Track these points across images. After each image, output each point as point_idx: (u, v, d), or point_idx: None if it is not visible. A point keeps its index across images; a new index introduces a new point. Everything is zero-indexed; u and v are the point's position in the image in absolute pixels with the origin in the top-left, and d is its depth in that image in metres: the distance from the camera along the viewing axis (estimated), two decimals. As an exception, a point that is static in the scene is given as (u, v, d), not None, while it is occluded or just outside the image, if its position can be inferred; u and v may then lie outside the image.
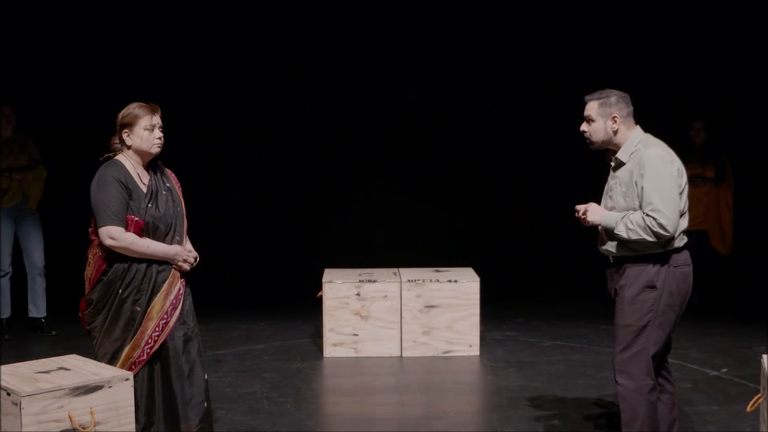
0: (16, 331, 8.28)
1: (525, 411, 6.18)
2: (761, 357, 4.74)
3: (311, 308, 8.17)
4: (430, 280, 7.64)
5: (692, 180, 9.01)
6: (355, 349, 7.62)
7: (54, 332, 8.24)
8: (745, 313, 8.92)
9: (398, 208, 10.28)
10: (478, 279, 7.71)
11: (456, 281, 7.65)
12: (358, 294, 7.61)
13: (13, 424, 4.06)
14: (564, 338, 8.22)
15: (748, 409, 4.73)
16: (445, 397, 6.66)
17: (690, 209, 9.58)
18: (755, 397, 4.69)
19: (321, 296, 7.62)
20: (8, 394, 4.09)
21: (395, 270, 8.00)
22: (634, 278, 4.75)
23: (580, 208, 4.94)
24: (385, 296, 7.61)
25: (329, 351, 7.61)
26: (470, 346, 7.64)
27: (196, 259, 4.93)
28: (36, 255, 8.25)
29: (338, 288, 7.61)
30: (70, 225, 7.15)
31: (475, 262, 8.46)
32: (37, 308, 8.32)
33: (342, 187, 10.39)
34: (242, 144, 10.37)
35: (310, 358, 7.60)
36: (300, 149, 10.43)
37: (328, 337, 7.62)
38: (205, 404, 4.91)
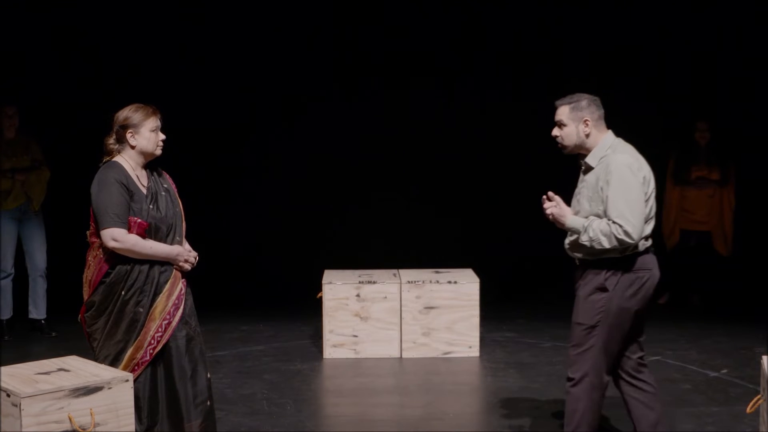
0: (16, 332, 8.28)
1: (525, 412, 6.18)
2: (761, 358, 4.74)
3: (311, 309, 8.16)
4: (430, 281, 7.64)
5: (697, 182, 9.08)
6: (355, 350, 7.61)
7: (54, 334, 8.23)
8: (745, 314, 8.92)
9: (398, 209, 10.29)
10: (477, 280, 7.71)
11: (456, 282, 7.65)
12: (357, 295, 7.61)
13: (13, 425, 4.06)
14: (564, 339, 8.14)
15: (748, 410, 4.73)
16: (445, 398, 6.66)
17: (694, 210, 9.56)
18: (755, 398, 4.70)
19: (321, 297, 7.62)
20: (8, 396, 4.09)
21: (395, 271, 8.00)
22: (589, 279, 4.84)
23: (550, 204, 4.93)
24: (385, 297, 7.61)
25: (329, 352, 7.61)
26: (470, 347, 7.64)
27: (196, 258, 4.94)
28: (38, 257, 8.23)
29: (338, 289, 7.61)
30: (71, 226, 7.15)
31: (475, 263, 8.46)
32: (38, 309, 8.31)
33: (342, 188, 10.40)
34: (242, 145, 10.38)
35: (309, 360, 7.59)
36: (300, 150, 10.44)
37: (328, 338, 7.62)
38: (208, 403, 4.91)
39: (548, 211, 4.93)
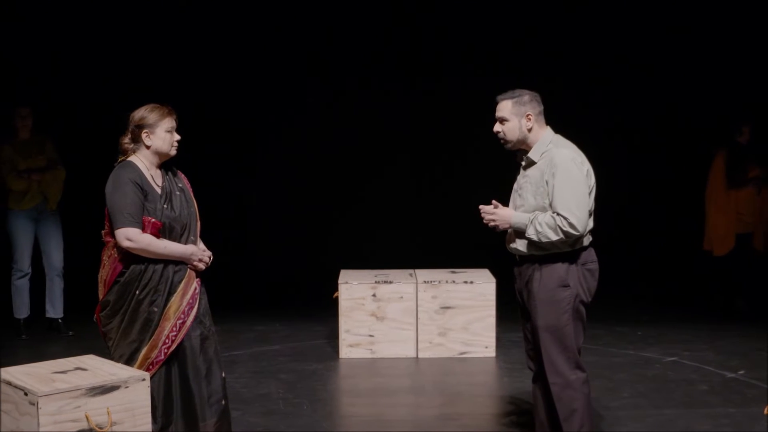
0: (34, 332, 8.32)
1: (541, 413, 6.15)
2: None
3: (327, 309, 8.18)
4: (446, 281, 7.63)
5: (752, 181, 9.02)
6: (371, 350, 7.62)
7: (71, 333, 8.27)
8: (762, 314, 8.87)
9: (414, 209, 10.29)
10: (494, 280, 7.70)
11: (472, 282, 7.64)
12: (374, 295, 7.61)
13: (30, 424, 4.07)
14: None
15: (765, 411, 4.71)
16: (461, 399, 6.65)
17: (745, 212, 9.42)
18: (772, 400, 4.68)
19: (337, 297, 7.63)
20: (25, 394, 4.11)
21: (411, 271, 8.00)
22: (546, 278, 4.79)
23: (487, 213, 4.92)
24: (401, 297, 7.61)
25: (345, 352, 7.62)
26: (486, 347, 7.63)
27: (210, 258, 4.95)
28: (55, 256, 8.27)
29: (354, 289, 7.62)
30: (88, 225, 7.18)
31: (492, 263, 8.43)
32: (55, 309, 8.35)
33: (358, 187, 10.41)
34: (257, 145, 10.40)
35: (325, 359, 7.60)
36: (316, 150, 10.46)
37: (344, 338, 7.62)
38: (223, 402, 4.91)
39: (491, 217, 4.92)
